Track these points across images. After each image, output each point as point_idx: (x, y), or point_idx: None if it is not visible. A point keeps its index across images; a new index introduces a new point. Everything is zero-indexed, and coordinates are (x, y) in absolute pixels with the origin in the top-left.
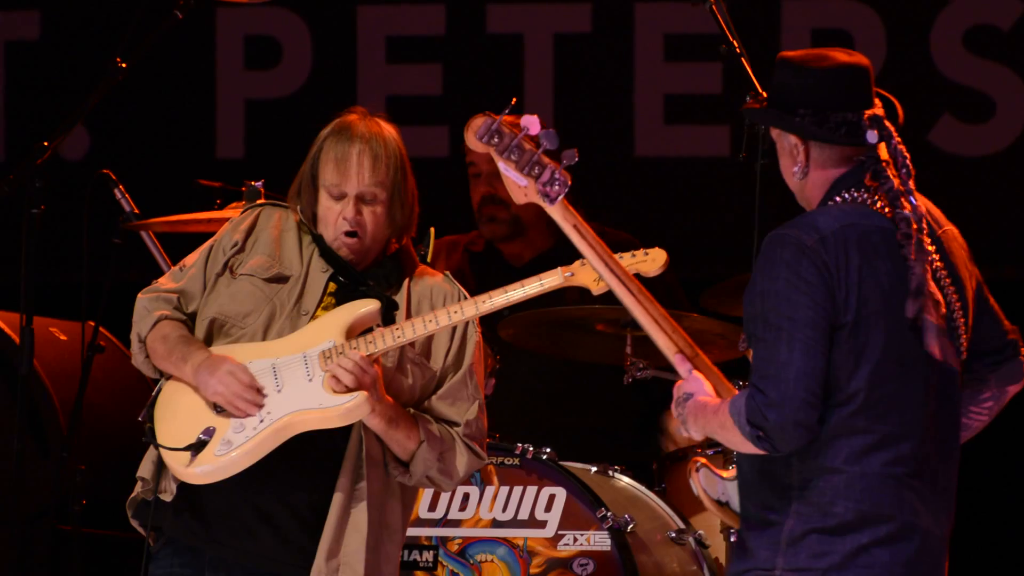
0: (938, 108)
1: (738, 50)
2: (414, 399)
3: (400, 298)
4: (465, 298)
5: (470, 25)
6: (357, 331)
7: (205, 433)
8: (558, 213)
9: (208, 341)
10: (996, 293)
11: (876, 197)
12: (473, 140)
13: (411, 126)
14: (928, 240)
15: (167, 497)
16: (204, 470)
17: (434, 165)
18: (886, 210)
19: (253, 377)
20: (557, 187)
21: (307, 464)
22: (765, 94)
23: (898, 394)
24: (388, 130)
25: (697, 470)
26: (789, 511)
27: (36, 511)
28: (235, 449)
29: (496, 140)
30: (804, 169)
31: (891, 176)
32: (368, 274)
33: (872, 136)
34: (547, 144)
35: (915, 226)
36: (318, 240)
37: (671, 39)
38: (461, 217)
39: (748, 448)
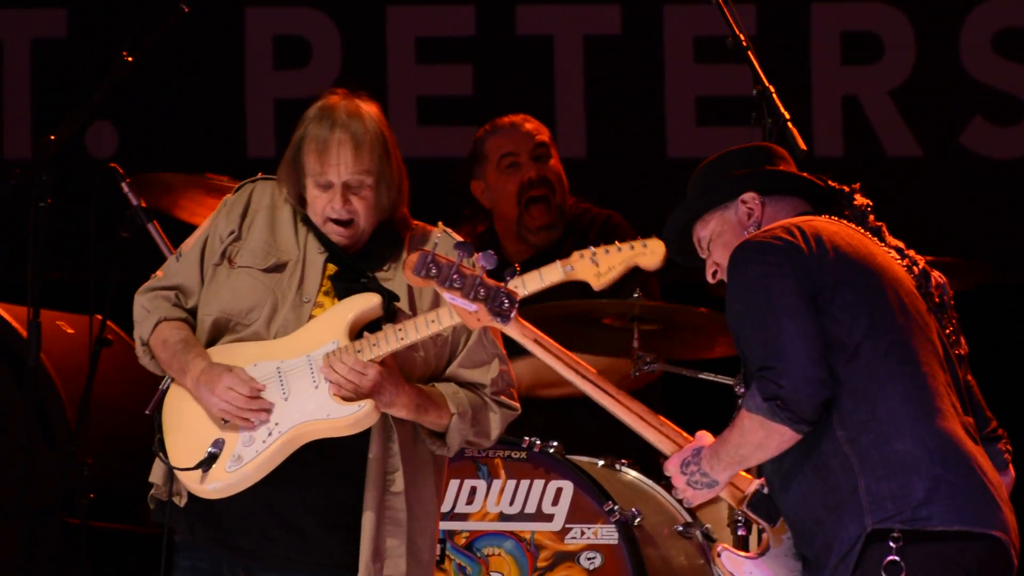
0: (969, 111)
1: (744, 43)
2: (430, 371)
3: (399, 270)
4: (485, 250)
5: (500, 26)
6: (359, 327)
7: (214, 446)
8: (515, 331)
9: (214, 339)
10: None
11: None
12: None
13: (441, 126)
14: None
15: (180, 501)
16: (216, 487)
17: None
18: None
19: (254, 384)
20: (507, 305)
21: (326, 462)
22: (772, 88)
23: (908, 341)
24: (369, 111)
25: (719, 555)
26: (857, 475)
27: (43, 505)
28: (246, 464)
29: (435, 272)
30: (758, 223)
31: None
32: (363, 256)
33: (827, 184)
34: (486, 265)
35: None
36: (308, 221)
37: (701, 41)
38: (471, 203)
39: (774, 440)
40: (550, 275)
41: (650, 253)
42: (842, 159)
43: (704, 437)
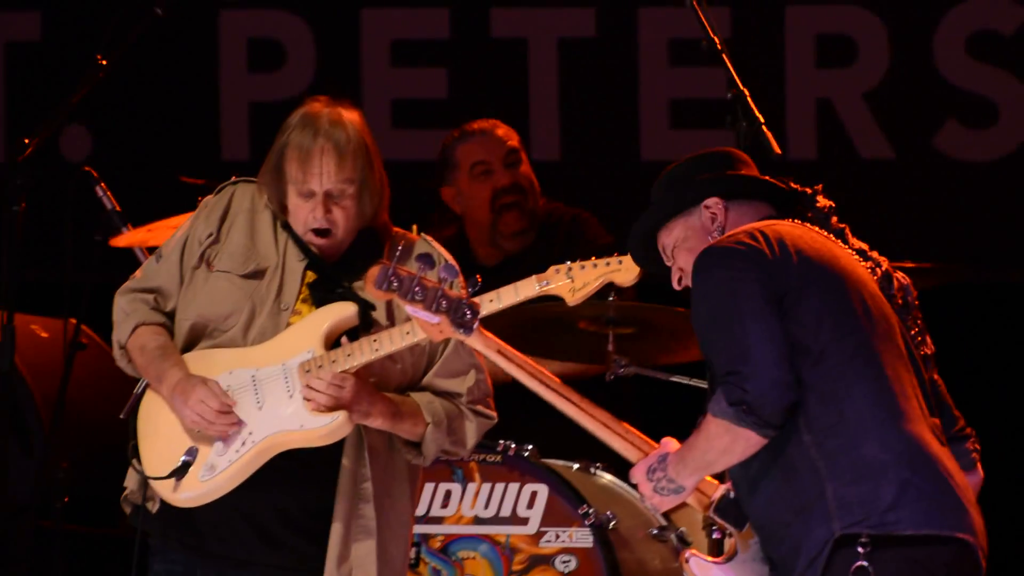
0: (942, 114)
1: (719, 47)
2: (407, 380)
3: None
4: (445, 261)
5: (474, 29)
6: (335, 336)
7: (188, 454)
8: (478, 342)
9: (191, 344)
10: (1001, 298)
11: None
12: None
13: (416, 130)
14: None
15: (153, 507)
16: (188, 496)
17: None
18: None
19: (225, 399)
20: (469, 316)
21: (299, 468)
22: (747, 91)
23: (873, 343)
24: (351, 119)
25: (687, 561)
26: (824, 479)
27: (18, 508)
28: (218, 474)
29: (396, 285)
30: (722, 228)
31: (826, 220)
32: (343, 264)
33: (787, 186)
34: (447, 276)
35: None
36: (288, 228)
37: (675, 44)
38: (442, 208)
39: (740, 445)
40: (525, 290)
41: (625, 270)
42: (815, 161)
43: (669, 443)
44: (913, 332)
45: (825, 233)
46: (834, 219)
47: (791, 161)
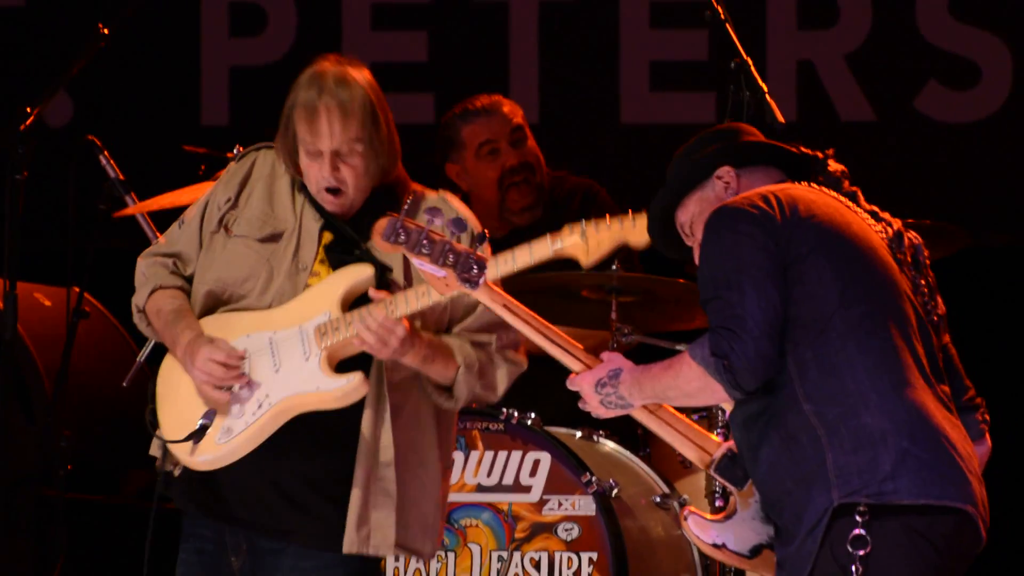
0: (924, 75)
1: (723, 16)
2: (443, 325)
3: None
4: (456, 216)
5: None
6: (352, 298)
7: (205, 417)
8: (485, 296)
9: (210, 309)
10: (981, 260)
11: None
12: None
13: (396, 93)
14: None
15: (176, 471)
16: (206, 459)
17: (419, 132)
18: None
19: (233, 352)
20: (476, 271)
21: (324, 433)
22: (750, 60)
23: (880, 311)
24: (357, 77)
25: (686, 519)
26: (824, 447)
27: (21, 476)
28: (235, 436)
29: (404, 238)
30: (735, 195)
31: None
32: (357, 223)
33: (799, 151)
34: (456, 230)
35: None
36: (305, 190)
37: (656, 6)
38: (446, 184)
39: (706, 394)
40: (539, 251)
41: (639, 230)
42: (795, 124)
43: (613, 358)
44: (924, 292)
45: (838, 197)
46: (846, 183)
47: (770, 123)
